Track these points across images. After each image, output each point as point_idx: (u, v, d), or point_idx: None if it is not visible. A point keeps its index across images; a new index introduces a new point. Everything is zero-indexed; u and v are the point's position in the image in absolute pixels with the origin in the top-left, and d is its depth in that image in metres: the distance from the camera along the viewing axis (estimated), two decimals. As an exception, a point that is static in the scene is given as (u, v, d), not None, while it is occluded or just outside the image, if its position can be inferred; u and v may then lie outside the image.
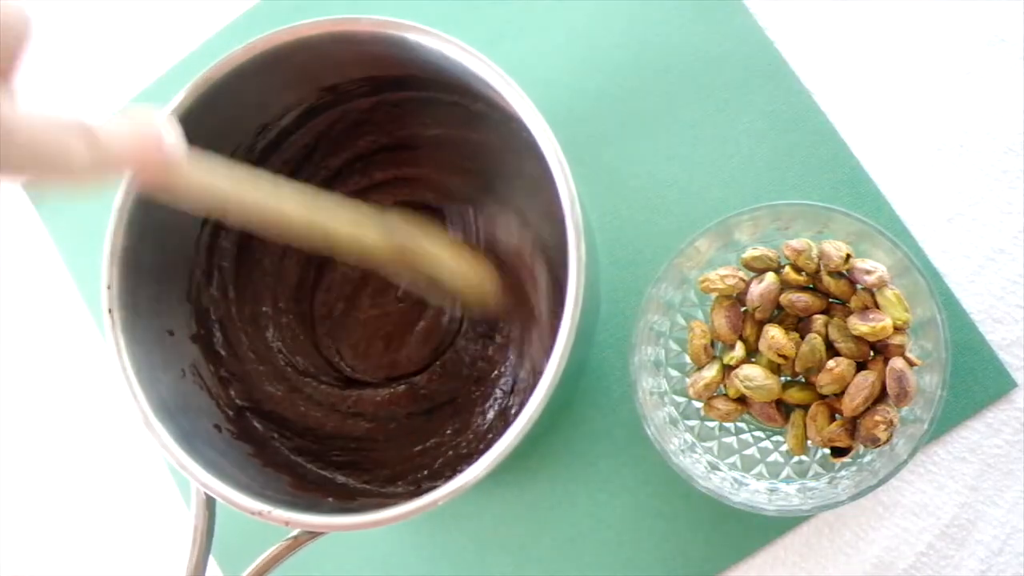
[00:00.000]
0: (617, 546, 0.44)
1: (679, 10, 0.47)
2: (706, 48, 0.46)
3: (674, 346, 0.43)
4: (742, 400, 0.41)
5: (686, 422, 0.42)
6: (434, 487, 0.34)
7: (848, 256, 0.39)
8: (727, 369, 0.40)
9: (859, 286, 0.39)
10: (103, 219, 0.37)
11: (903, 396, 0.38)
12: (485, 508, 0.46)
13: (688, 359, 0.42)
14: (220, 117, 0.38)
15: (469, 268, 0.40)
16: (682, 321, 0.43)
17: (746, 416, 0.42)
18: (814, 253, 0.39)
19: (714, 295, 0.41)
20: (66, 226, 0.52)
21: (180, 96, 0.37)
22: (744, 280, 0.40)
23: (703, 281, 0.40)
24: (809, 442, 0.40)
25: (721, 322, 0.40)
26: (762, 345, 0.40)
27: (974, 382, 0.42)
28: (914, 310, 0.39)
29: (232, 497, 0.35)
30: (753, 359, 0.41)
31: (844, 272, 0.40)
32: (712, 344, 0.41)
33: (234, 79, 0.37)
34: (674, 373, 0.42)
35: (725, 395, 0.41)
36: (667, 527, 0.44)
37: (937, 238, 0.43)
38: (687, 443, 0.41)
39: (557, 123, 0.35)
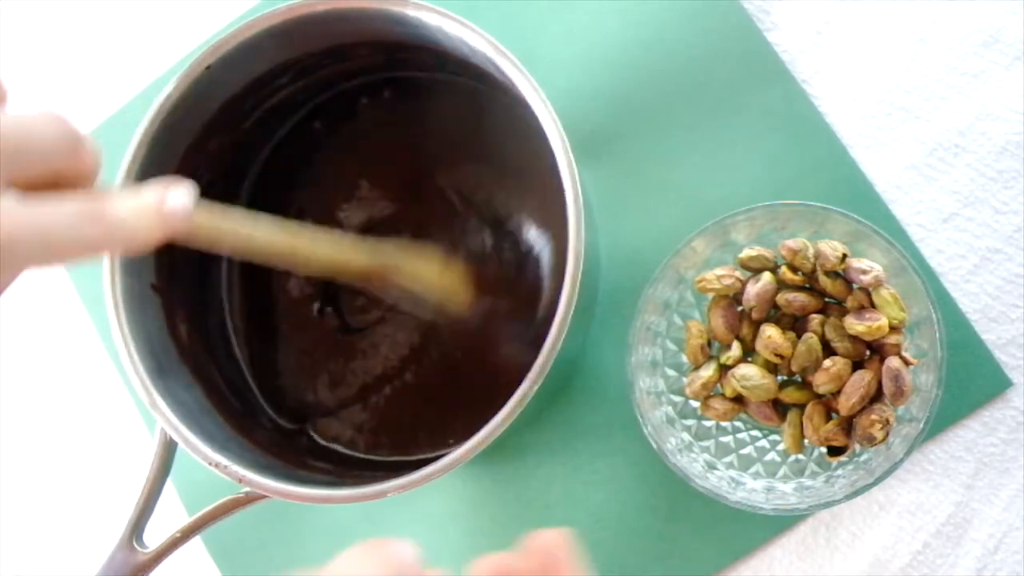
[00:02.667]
0: (614, 546, 0.44)
1: (675, 11, 0.47)
2: (703, 49, 0.46)
3: (671, 346, 0.43)
4: (739, 399, 0.41)
5: (683, 421, 0.42)
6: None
7: (844, 256, 0.39)
8: (724, 369, 0.40)
9: (855, 286, 0.39)
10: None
11: (899, 395, 0.38)
12: (481, 507, 0.46)
13: (685, 359, 0.42)
14: (215, 102, 0.40)
15: (450, 282, 0.42)
16: (679, 321, 0.43)
17: (743, 415, 0.42)
18: (810, 253, 0.39)
19: (711, 295, 0.41)
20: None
21: (172, 84, 0.38)
22: (741, 280, 0.40)
23: (700, 281, 0.40)
24: (806, 441, 0.40)
25: (718, 322, 0.41)
26: (759, 345, 0.40)
27: (970, 381, 0.42)
28: (910, 309, 0.39)
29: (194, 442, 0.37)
30: (750, 359, 0.41)
31: (840, 272, 0.40)
32: (709, 344, 0.41)
33: (233, 57, 0.38)
34: (671, 373, 0.43)
35: (722, 394, 0.41)
36: (664, 527, 0.44)
37: (933, 238, 0.43)
38: (684, 442, 0.42)
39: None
